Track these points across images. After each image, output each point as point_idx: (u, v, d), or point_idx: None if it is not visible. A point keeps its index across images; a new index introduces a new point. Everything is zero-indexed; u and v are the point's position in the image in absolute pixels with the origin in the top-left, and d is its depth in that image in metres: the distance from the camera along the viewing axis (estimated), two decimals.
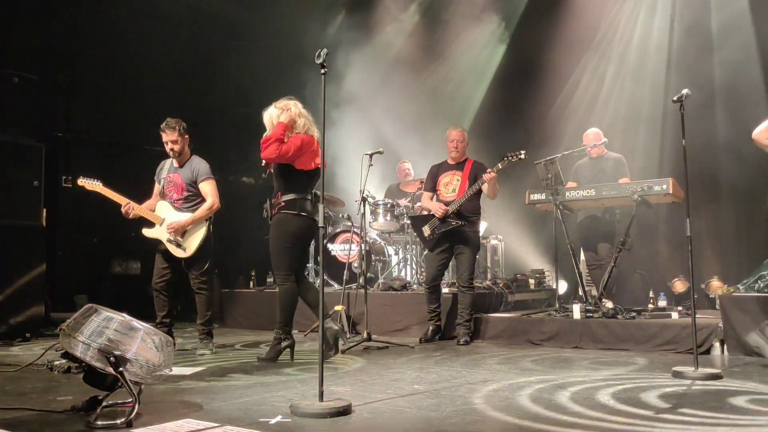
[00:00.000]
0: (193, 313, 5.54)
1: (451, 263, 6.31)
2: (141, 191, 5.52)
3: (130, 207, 5.23)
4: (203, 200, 5.28)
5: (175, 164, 5.37)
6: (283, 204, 4.65)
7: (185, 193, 5.29)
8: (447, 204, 5.85)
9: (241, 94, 8.89)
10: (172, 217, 5.24)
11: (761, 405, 3.22)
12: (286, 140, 4.55)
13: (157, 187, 5.47)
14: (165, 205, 5.31)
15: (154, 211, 5.32)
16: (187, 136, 5.33)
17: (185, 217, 5.21)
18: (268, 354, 4.73)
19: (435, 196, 6.09)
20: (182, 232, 5.19)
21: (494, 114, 8.97)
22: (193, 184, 5.28)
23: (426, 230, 5.96)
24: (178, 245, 5.21)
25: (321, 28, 9.38)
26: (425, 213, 6.12)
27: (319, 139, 4.65)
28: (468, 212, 5.85)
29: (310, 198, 4.69)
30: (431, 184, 6.12)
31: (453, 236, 5.86)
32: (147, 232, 5.31)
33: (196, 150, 5.47)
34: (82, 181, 5.30)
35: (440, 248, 5.94)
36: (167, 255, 5.28)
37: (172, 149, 5.26)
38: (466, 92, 9.45)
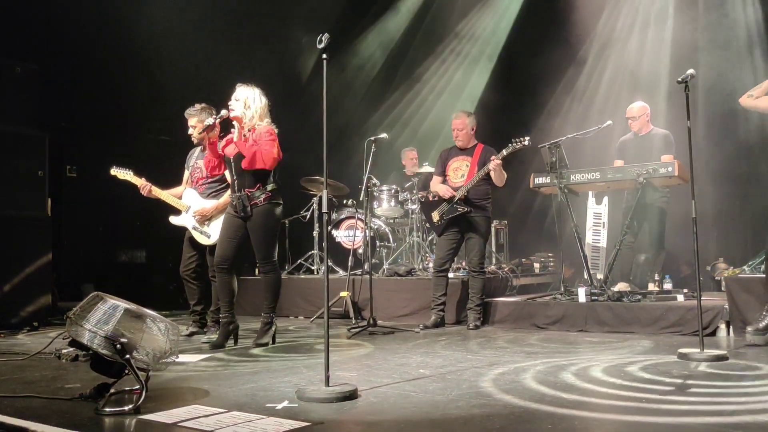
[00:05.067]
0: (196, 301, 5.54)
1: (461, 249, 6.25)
2: (146, 180, 5.50)
3: (148, 188, 5.31)
4: (227, 186, 5.26)
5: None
6: (270, 194, 4.77)
7: (209, 177, 5.31)
8: (455, 190, 5.83)
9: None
10: (198, 204, 5.30)
11: (767, 386, 3.22)
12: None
13: (186, 174, 5.52)
14: (191, 193, 5.38)
15: (180, 198, 5.38)
16: None
17: (210, 204, 5.24)
18: (264, 338, 4.87)
19: (445, 180, 6.03)
20: (208, 218, 5.23)
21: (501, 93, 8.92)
22: None
23: (435, 215, 5.95)
24: (203, 232, 5.25)
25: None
26: (436, 198, 6.06)
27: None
28: (476, 198, 5.82)
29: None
30: (441, 169, 6.07)
31: (463, 221, 5.84)
32: (173, 219, 5.39)
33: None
34: (114, 171, 5.42)
35: (450, 233, 5.91)
36: (194, 242, 5.35)
37: (191, 134, 5.30)
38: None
